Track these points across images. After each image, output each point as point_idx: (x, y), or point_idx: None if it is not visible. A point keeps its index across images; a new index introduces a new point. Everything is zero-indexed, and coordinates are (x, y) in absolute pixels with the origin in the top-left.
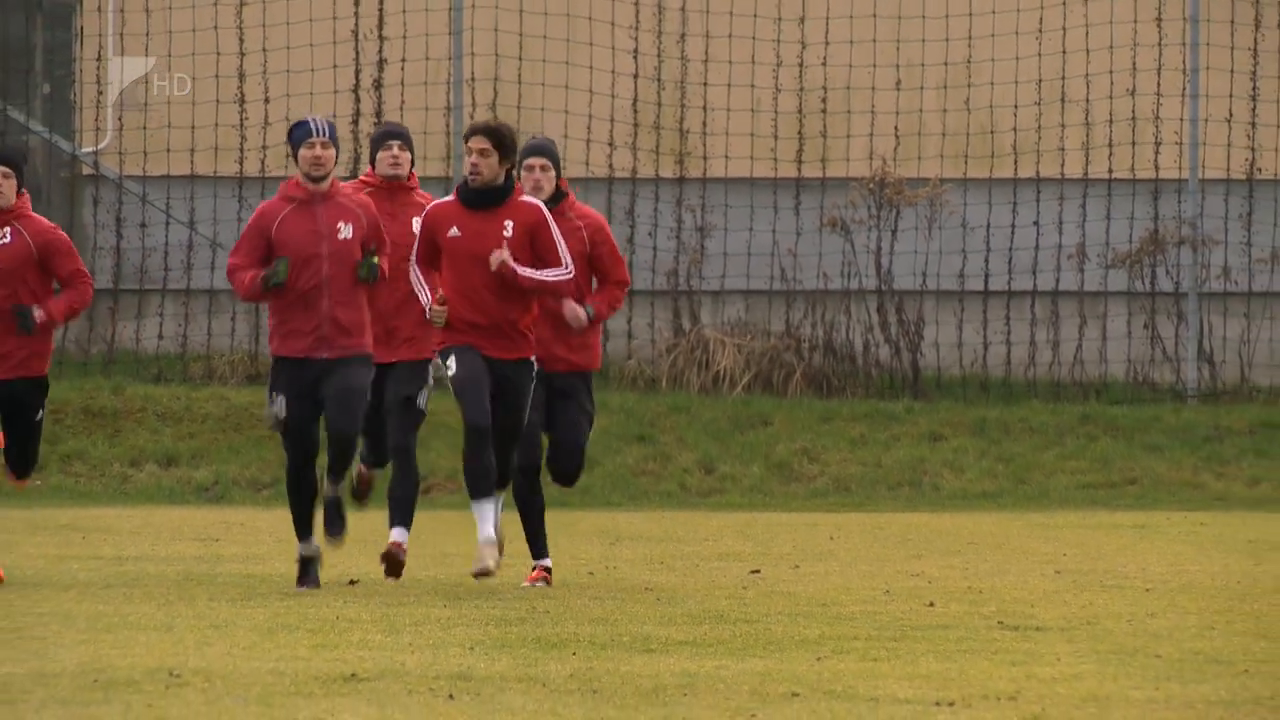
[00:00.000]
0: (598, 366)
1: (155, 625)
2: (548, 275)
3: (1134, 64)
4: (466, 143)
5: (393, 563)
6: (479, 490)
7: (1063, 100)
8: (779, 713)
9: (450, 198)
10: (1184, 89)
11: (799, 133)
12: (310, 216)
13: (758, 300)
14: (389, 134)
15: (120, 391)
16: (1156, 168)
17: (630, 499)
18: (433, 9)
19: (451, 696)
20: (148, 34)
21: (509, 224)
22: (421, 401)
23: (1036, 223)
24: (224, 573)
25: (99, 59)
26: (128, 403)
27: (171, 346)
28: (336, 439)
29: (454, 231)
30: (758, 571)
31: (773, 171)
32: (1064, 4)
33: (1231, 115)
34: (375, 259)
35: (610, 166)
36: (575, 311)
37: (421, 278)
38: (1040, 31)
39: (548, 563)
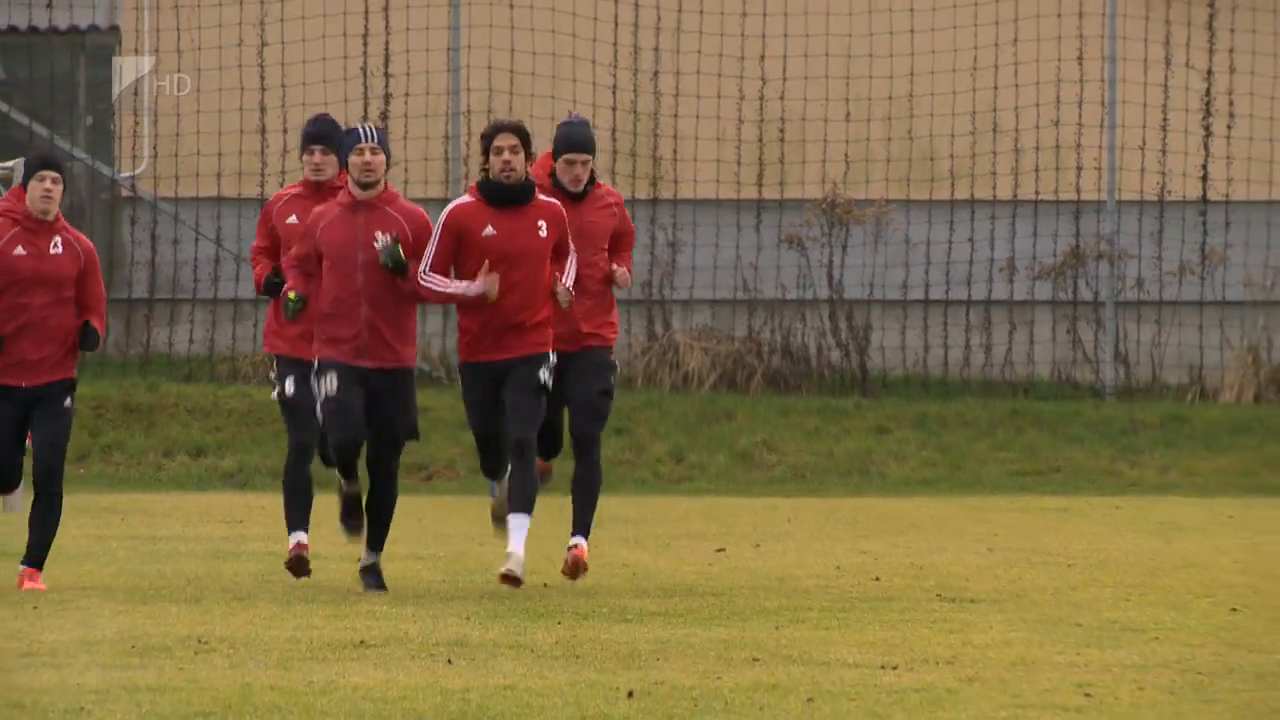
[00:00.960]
0: (615, 338)
1: (185, 598)
2: (571, 271)
3: (1058, 98)
4: (493, 141)
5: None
6: (514, 504)
7: (994, 130)
8: (741, 675)
9: (469, 198)
10: (1102, 120)
11: (759, 159)
12: (351, 224)
13: (723, 308)
14: (313, 136)
15: (155, 389)
16: (1078, 190)
17: (609, 485)
18: (432, 49)
19: (450, 661)
20: (179, 72)
21: (542, 224)
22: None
23: (971, 239)
24: (247, 551)
25: (135, 94)
26: (161, 399)
27: (200, 349)
28: (383, 441)
29: (489, 231)
30: (722, 550)
31: (736, 194)
32: (996, 45)
33: (1144, 143)
34: (397, 244)
35: None
36: (566, 291)
37: (439, 278)
38: (975, 69)
39: (585, 541)
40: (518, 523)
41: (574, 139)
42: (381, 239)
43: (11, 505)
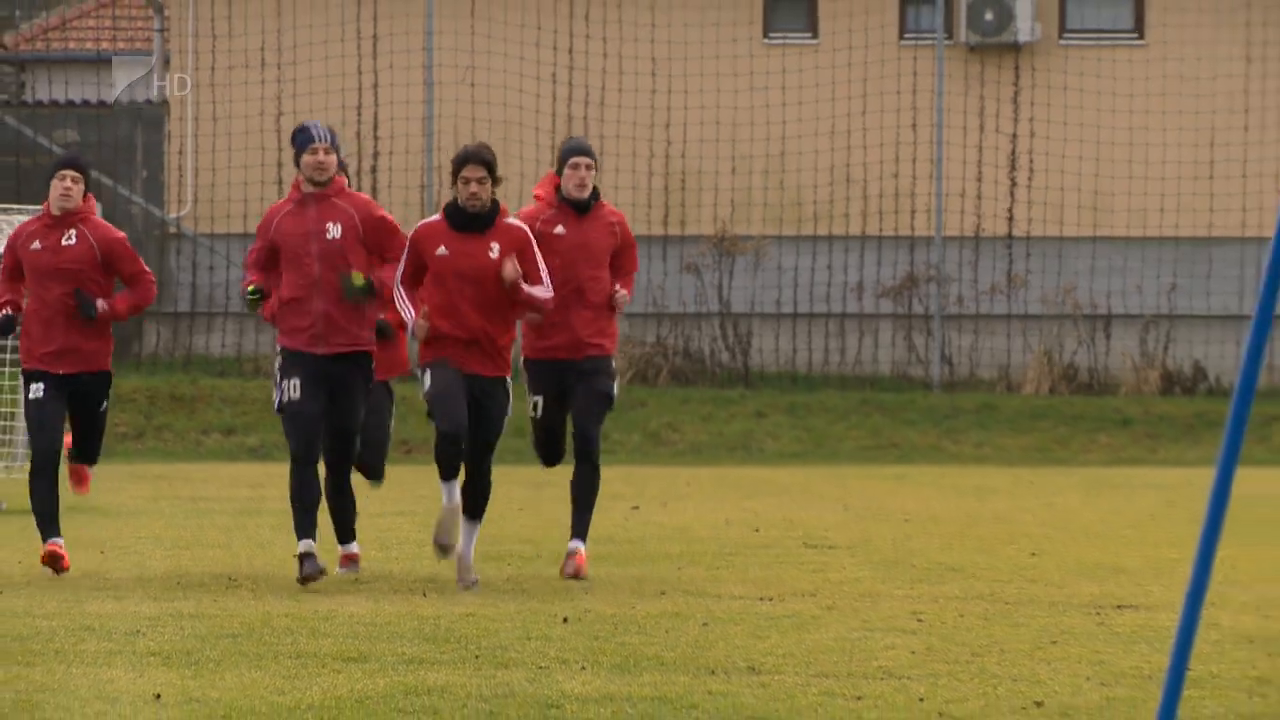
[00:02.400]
0: (615, 349)
1: (218, 544)
2: (539, 293)
3: (897, 156)
4: (461, 170)
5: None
6: (446, 475)
7: (847, 180)
8: (651, 605)
9: (437, 218)
10: (931, 173)
11: (665, 203)
12: (303, 217)
13: (636, 320)
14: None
15: (195, 383)
16: (912, 228)
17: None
18: (411, 118)
19: (424, 594)
20: (214, 135)
21: (495, 246)
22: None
23: (829, 266)
24: (267, 509)
25: (180, 152)
26: (200, 390)
27: (230, 352)
28: (337, 434)
29: (442, 250)
30: (637, 508)
31: (647, 230)
32: (848, 115)
33: (964, 191)
34: (358, 279)
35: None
36: (534, 316)
37: (405, 295)
38: (832, 133)
39: (583, 546)
40: (468, 528)
41: (576, 145)
42: (333, 229)
43: None
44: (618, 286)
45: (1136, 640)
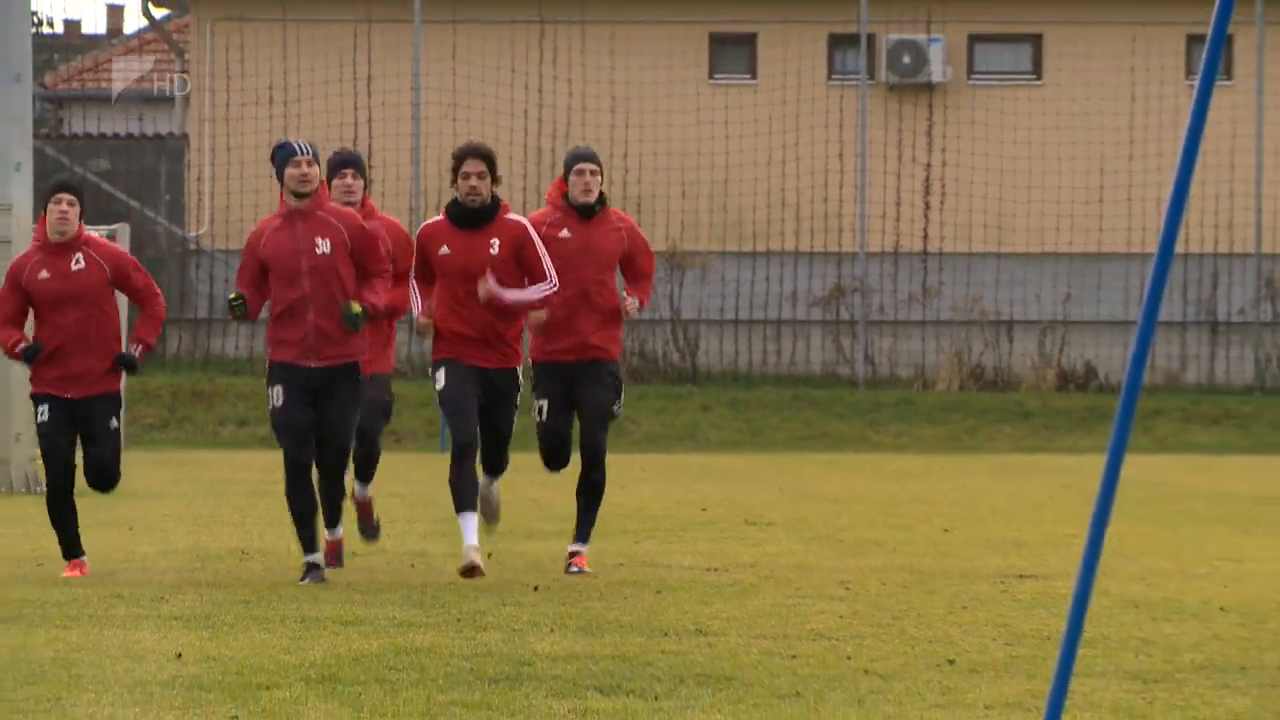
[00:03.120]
0: (619, 354)
1: (233, 522)
2: (532, 293)
3: (826, 182)
4: (461, 166)
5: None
6: (462, 503)
7: (783, 203)
8: (611, 575)
9: (440, 217)
10: (855, 197)
11: None
12: (291, 234)
13: None
14: (343, 162)
15: (212, 380)
16: (839, 245)
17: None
18: (401, 149)
19: (413, 565)
20: (228, 164)
21: (495, 242)
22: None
23: (767, 278)
24: (276, 491)
25: (198, 179)
26: (217, 387)
27: (244, 353)
28: (329, 444)
29: (444, 250)
30: None
31: None
32: (784, 146)
33: (884, 213)
34: (356, 306)
35: None
36: (538, 316)
37: (418, 291)
38: (769, 163)
39: (585, 549)
40: (486, 481)
41: (581, 152)
42: (322, 244)
43: None
44: (626, 294)
45: (1036, 606)
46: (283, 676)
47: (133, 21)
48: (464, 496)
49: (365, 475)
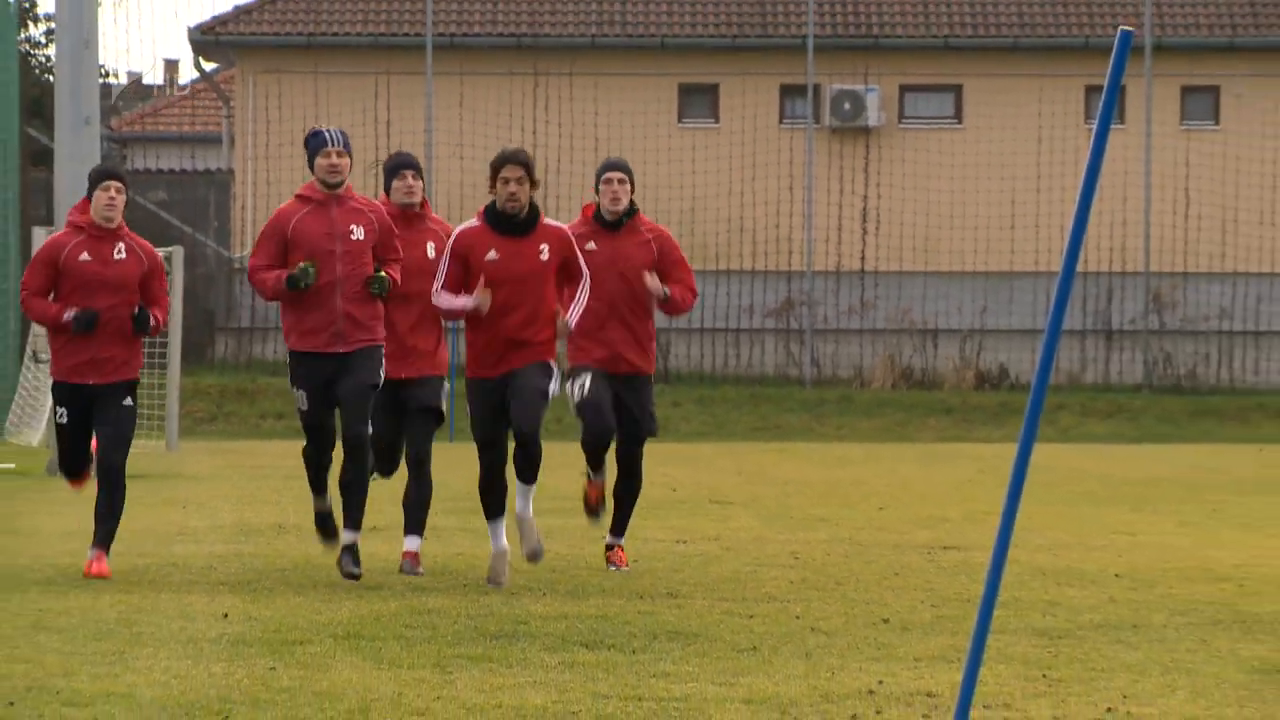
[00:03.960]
0: (653, 370)
1: (272, 501)
2: (581, 300)
3: (778, 210)
4: (500, 171)
5: (408, 568)
6: (491, 510)
7: (741, 229)
8: (595, 547)
9: (476, 223)
10: (803, 224)
11: None
12: (325, 218)
13: None
14: (402, 164)
15: (255, 380)
16: (790, 265)
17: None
18: None
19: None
20: (267, 196)
21: (544, 247)
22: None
23: (729, 293)
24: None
25: (243, 208)
26: (259, 386)
27: (282, 357)
28: (348, 439)
29: (492, 255)
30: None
31: None
32: (742, 180)
33: (829, 238)
34: (383, 273)
35: None
36: (565, 324)
37: (448, 294)
38: (729, 194)
39: (622, 541)
40: (523, 489)
41: (611, 161)
42: (357, 230)
43: None
44: (652, 278)
45: (958, 573)
46: (314, 634)
47: (186, 73)
48: (494, 501)
49: (416, 523)
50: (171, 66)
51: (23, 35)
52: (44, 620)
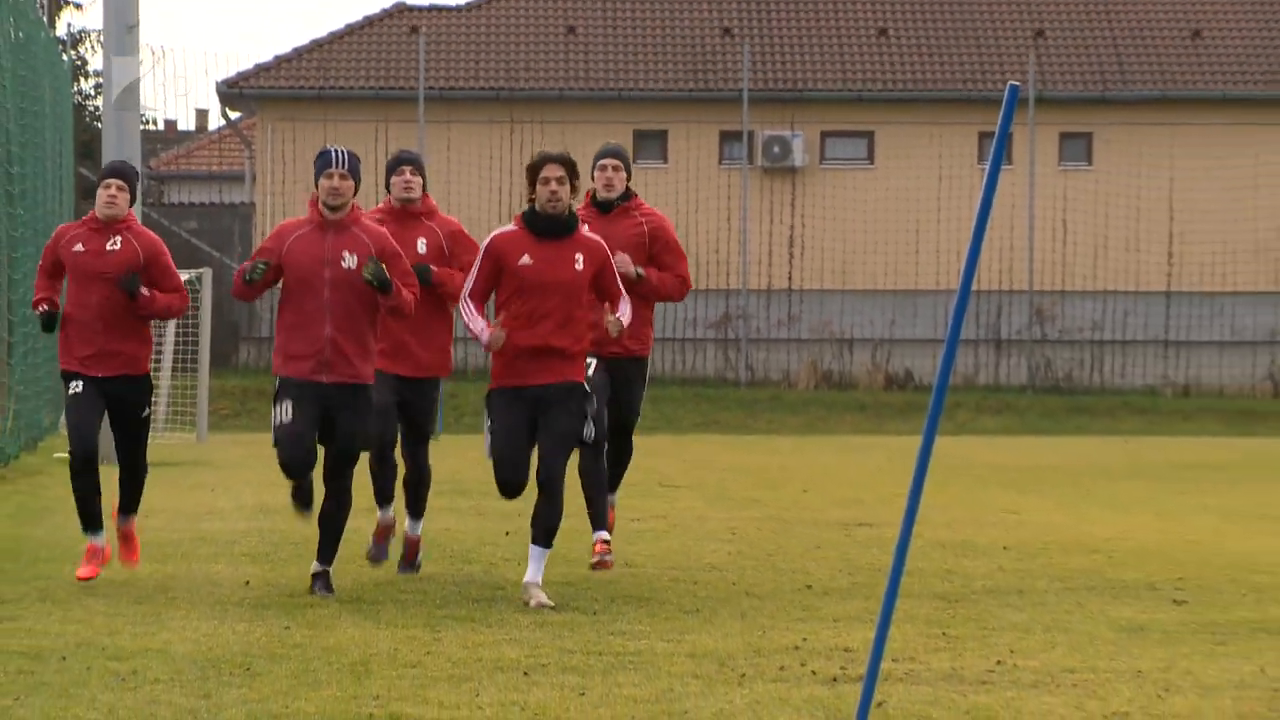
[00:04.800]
0: (646, 353)
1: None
2: (625, 308)
3: (718, 238)
4: (540, 171)
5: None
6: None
7: (686, 253)
8: (567, 523)
9: (513, 227)
10: (739, 250)
11: None
12: (319, 242)
13: None
14: (403, 160)
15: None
16: (728, 284)
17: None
18: None
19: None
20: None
21: (579, 257)
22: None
23: (675, 308)
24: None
25: (263, 235)
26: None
27: None
28: (331, 485)
29: (525, 259)
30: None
31: None
32: (688, 214)
33: (760, 260)
34: (380, 264)
35: None
36: (615, 320)
37: (473, 308)
38: (677, 225)
39: (606, 535)
40: (537, 553)
41: (607, 149)
42: (349, 258)
43: None
44: (612, 315)
45: (871, 546)
46: (323, 598)
47: (215, 121)
48: (540, 530)
49: (416, 508)
50: (202, 115)
51: (76, 89)
52: (92, 587)
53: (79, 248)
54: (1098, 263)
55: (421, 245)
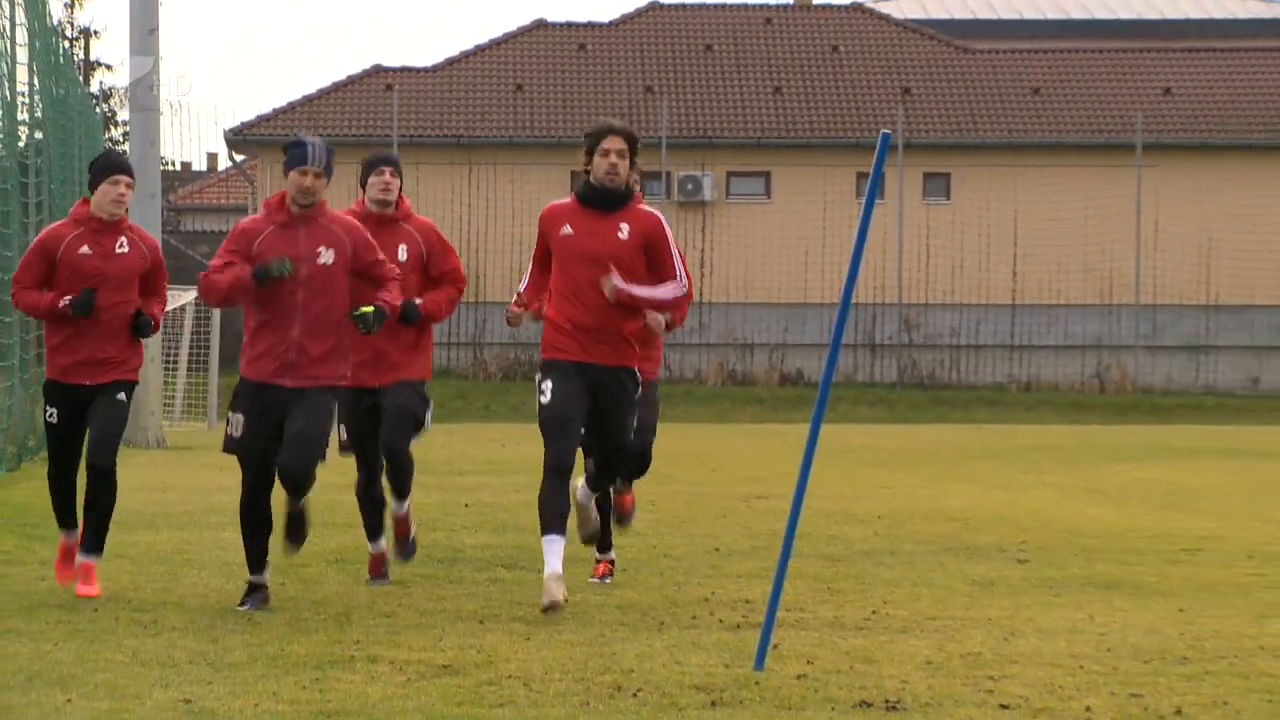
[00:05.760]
0: (657, 376)
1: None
2: (661, 292)
3: None
4: (600, 143)
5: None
6: (549, 525)
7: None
8: (514, 497)
9: (568, 199)
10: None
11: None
12: (291, 239)
13: (507, 348)
14: (382, 160)
15: None
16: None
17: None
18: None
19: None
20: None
21: (624, 226)
22: (426, 419)
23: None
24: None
25: None
26: None
27: None
28: (287, 477)
29: (566, 229)
30: (504, 445)
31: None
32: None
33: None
34: (373, 305)
35: None
36: (657, 319)
37: (528, 276)
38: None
39: (611, 555)
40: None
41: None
42: (325, 253)
43: None
44: (655, 313)
45: (768, 515)
46: (312, 559)
47: (223, 162)
48: (551, 517)
49: (400, 489)
50: (212, 157)
51: (106, 135)
52: (119, 550)
53: (84, 250)
54: (955, 280)
55: (403, 252)
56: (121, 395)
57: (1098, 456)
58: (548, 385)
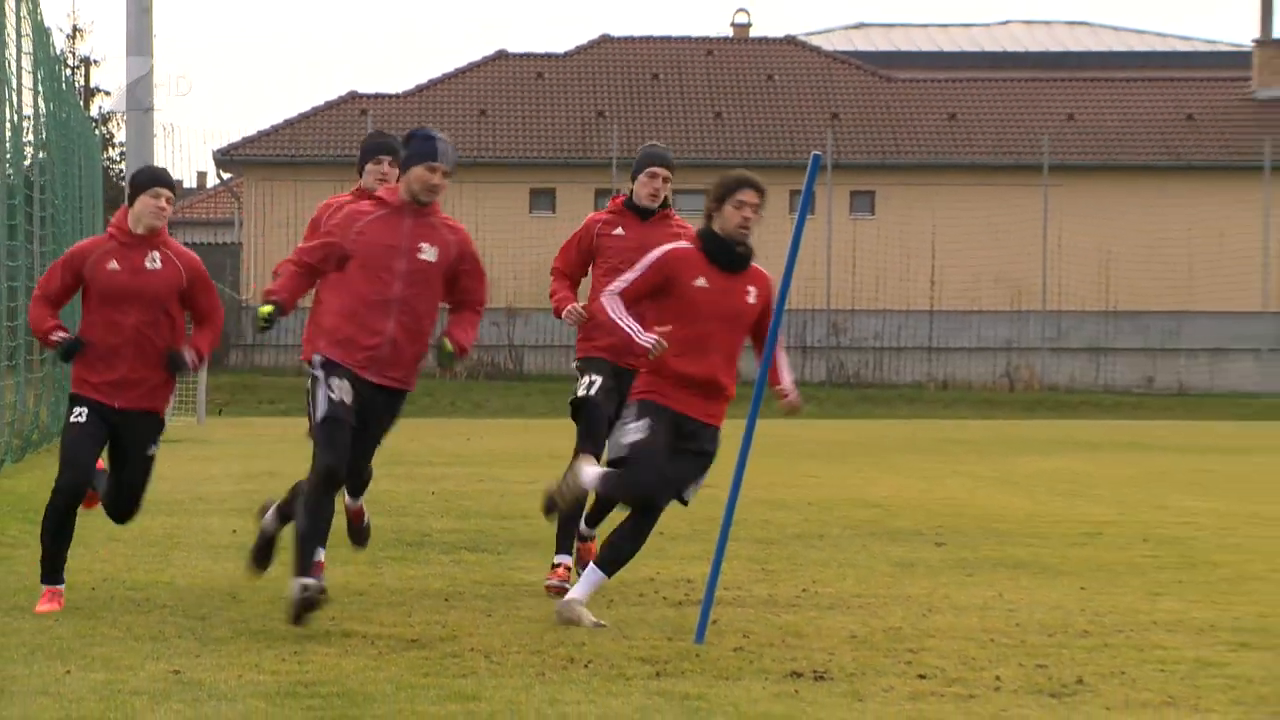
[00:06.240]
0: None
1: (265, 455)
2: (787, 371)
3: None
4: (736, 193)
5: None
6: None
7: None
8: (480, 486)
9: (690, 245)
10: None
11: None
12: (395, 228)
13: (481, 348)
14: (382, 147)
15: (256, 379)
16: None
17: (534, 410)
18: None
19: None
20: (264, 262)
21: (752, 290)
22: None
23: (558, 325)
24: (293, 437)
25: (248, 269)
26: (259, 381)
27: (272, 363)
28: (355, 475)
29: (701, 282)
30: (469, 439)
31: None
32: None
33: None
34: (449, 347)
35: None
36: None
37: (623, 306)
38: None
39: (569, 561)
40: (593, 574)
41: (656, 154)
42: (428, 250)
43: None
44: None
45: (708, 502)
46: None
47: (211, 179)
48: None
49: (355, 491)
50: (201, 175)
51: (105, 156)
52: (115, 534)
53: (112, 265)
54: (879, 289)
55: None
56: (152, 451)
57: (1008, 449)
58: (645, 423)
